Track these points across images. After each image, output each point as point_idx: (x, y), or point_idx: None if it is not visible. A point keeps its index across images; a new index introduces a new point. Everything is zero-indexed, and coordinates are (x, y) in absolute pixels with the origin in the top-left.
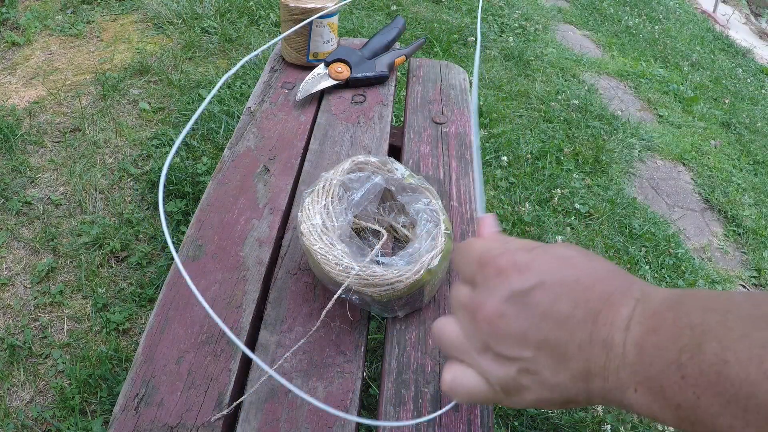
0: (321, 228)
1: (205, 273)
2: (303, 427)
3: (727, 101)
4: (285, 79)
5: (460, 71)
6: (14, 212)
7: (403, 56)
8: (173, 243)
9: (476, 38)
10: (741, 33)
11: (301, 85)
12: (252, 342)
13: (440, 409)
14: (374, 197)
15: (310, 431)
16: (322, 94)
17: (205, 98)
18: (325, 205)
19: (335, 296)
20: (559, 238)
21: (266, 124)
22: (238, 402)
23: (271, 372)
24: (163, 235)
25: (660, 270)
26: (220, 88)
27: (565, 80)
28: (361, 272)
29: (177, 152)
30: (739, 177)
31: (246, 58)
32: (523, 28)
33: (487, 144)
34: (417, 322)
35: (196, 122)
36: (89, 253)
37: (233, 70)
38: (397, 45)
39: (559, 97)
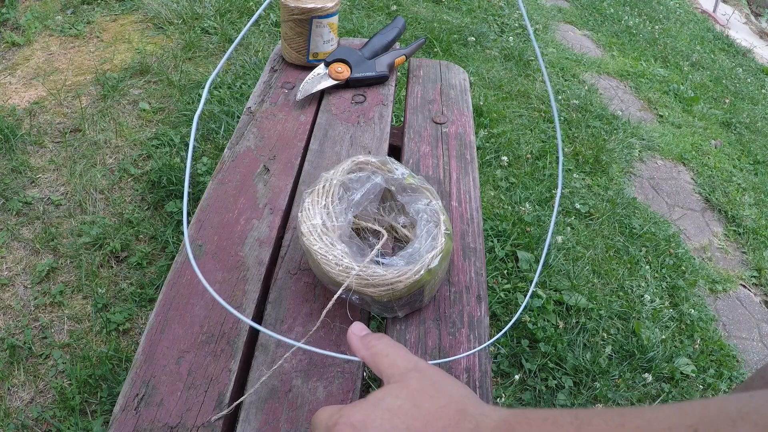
0: (321, 228)
1: (205, 273)
2: (303, 427)
3: (727, 101)
4: (285, 79)
5: (460, 71)
6: (14, 212)
7: (403, 56)
8: (173, 243)
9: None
10: (741, 33)
11: (301, 85)
12: (252, 342)
13: None
14: (374, 197)
15: (310, 431)
16: (322, 94)
17: (206, 97)
18: (325, 205)
19: (335, 296)
20: (559, 238)
21: (266, 124)
22: (238, 402)
23: (298, 344)
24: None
25: (660, 270)
26: (221, 88)
27: (566, 80)
28: (361, 272)
29: (177, 152)
30: (740, 177)
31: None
32: (524, 29)
33: (487, 144)
34: (417, 322)
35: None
36: (89, 254)
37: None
38: (397, 45)
39: (560, 97)
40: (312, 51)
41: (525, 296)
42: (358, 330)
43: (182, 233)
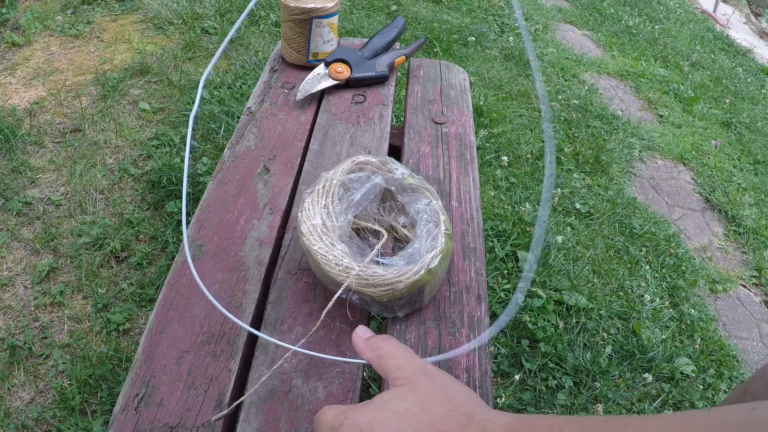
0: (321, 228)
1: (205, 273)
2: (303, 427)
3: (727, 101)
4: (285, 79)
5: (460, 71)
6: (14, 213)
7: (403, 56)
8: (173, 243)
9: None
10: (741, 33)
11: (301, 85)
12: (252, 342)
13: None
14: (374, 197)
15: (310, 431)
16: (322, 94)
17: (204, 98)
18: (325, 205)
19: (335, 296)
20: (559, 237)
21: (266, 124)
22: (238, 402)
23: (294, 348)
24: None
25: (660, 270)
26: (221, 88)
27: (566, 80)
28: (361, 272)
29: (177, 152)
30: (740, 177)
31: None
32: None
33: (487, 144)
34: (417, 322)
35: (196, 122)
36: (89, 254)
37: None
38: (397, 45)
39: (560, 97)
40: (312, 51)
41: (524, 296)
42: (362, 333)
43: (182, 233)
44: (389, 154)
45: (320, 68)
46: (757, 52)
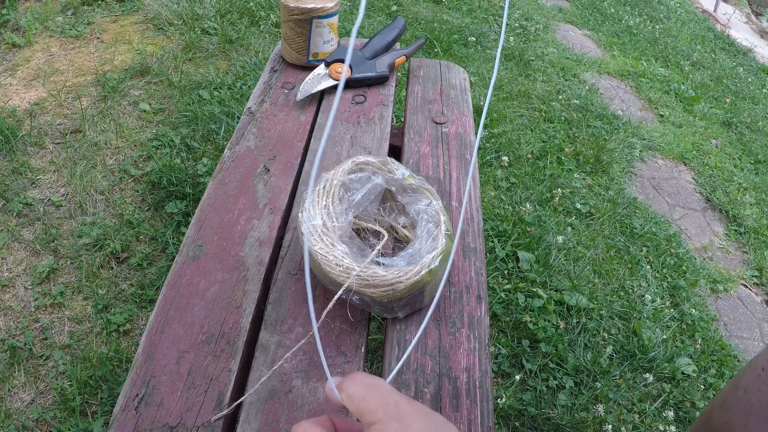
0: (321, 228)
1: (205, 273)
2: None
3: (728, 100)
4: (285, 79)
5: (460, 71)
6: (15, 213)
7: (404, 56)
8: (173, 244)
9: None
10: (742, 32)
11: (301, 86)
12: (252, 342)
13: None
14: (375, 198)
15: None
16: (322, 94)
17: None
18: (325, 205)
19: (336, 297)
20: (560, 238)
21: (266, 124)
22: (238, 402)
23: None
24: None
25: (661, 270)
26: (221, 88)
27: (566, 80)
28: (361, 273)
29: (177, 153)
30: (741, 176)
31: None
32: (524, 28)
33: (487, 144)
34: (417, 323)
35: (196, 123)
36: (90, 255)
37: None
38: (398, 45)
39: (560, 97)
40: (312, 51)
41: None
42: (333, 382)
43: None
44: (389, 154)
45: (320, 68)
46: (758, 52)
